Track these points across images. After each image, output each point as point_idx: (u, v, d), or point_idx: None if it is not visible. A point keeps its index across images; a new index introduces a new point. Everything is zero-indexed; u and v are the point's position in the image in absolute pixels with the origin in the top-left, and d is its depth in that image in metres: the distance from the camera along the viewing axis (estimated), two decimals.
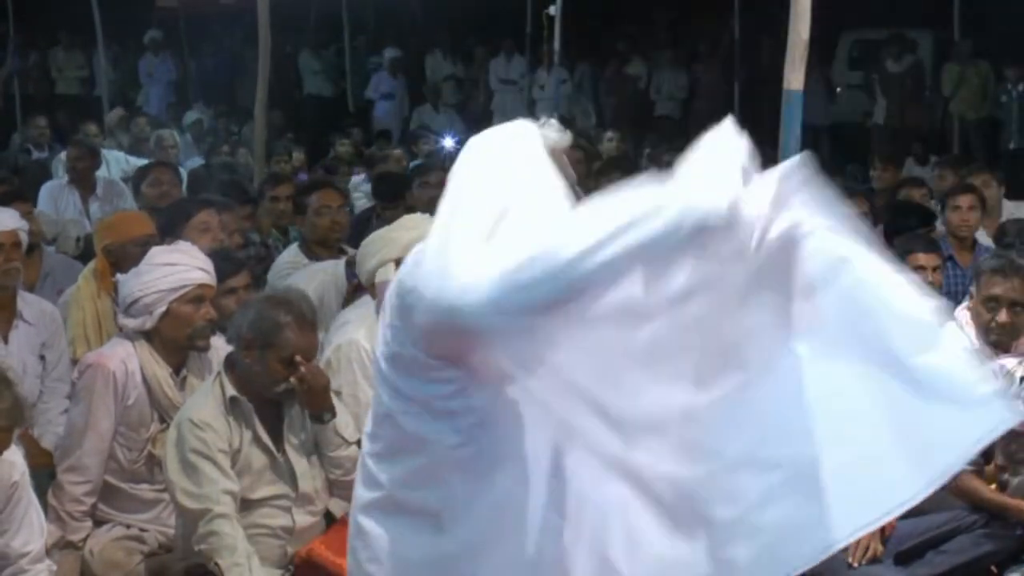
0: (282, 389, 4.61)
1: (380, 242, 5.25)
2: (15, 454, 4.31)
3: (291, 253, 7.07)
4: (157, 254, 5.20)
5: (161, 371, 5.00)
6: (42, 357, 5.94)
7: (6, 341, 5.83)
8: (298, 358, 4.55)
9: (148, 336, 5.01)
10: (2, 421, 4.01)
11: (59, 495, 4.96)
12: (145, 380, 4.99)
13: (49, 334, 6.00)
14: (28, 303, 6.05)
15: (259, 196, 8.39)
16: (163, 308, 4.97)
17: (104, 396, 4.95)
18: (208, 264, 5.14)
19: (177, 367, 5.06)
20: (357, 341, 5.16)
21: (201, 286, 5.03)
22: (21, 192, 8.01)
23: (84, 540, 4.98)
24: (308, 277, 6.37)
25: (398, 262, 4.82)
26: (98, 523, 5.06)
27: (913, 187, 9.05)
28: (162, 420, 5.02)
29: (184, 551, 4.62)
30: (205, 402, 4.64)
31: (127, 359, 4.99)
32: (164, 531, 5.02)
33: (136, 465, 5.04)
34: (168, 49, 19.42)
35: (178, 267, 5.03)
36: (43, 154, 13.11)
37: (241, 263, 5.93)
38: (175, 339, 5.00)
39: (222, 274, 5.63)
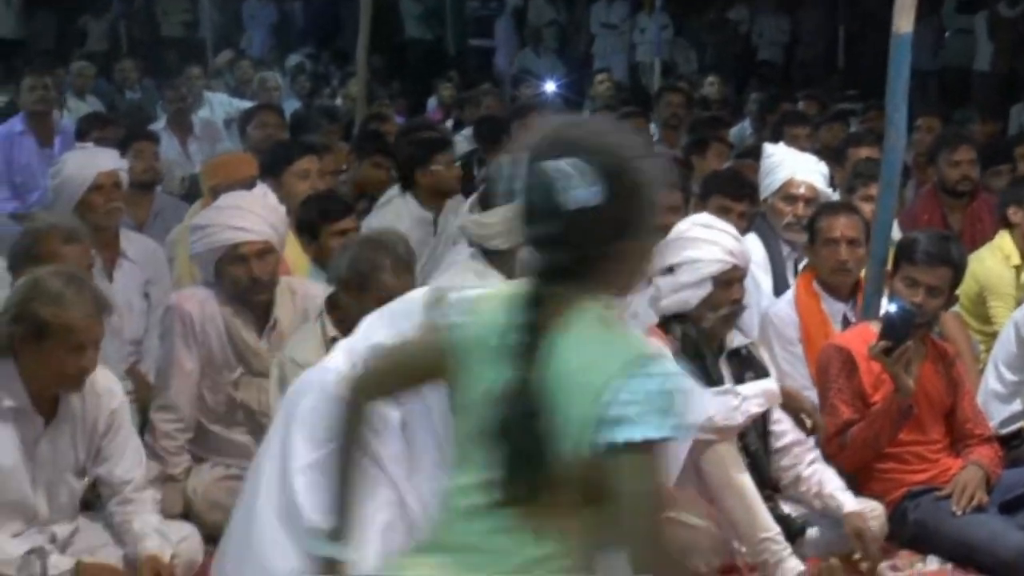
0: None
1: None
2: (113, 382, 4.39)
3: (392, 194, 7.09)
4: (199, 215, 5.25)
5: (238, 319, 5.04)
6: (147, 295, 6.02)
7: (111, 279, 5.90)
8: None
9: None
10: (90, 311, 4.05)
11: (153, 433, 5.05)
12: (226, 324, 5.04)
13: (153, 271, 6.07)
14: (131, 241, 6.12)
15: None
16: (211, 267, 5.03)
17: (184, 337, 5.01)
18: (253, 220, 5.00)
19: (260, 315, 5.09)
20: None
21: (236, 246, 4.96)
22: (147, 132, 8.14)
23: (185, 473, 5.06)
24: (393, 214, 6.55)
25: None
26: (198, 460, 5.13)
27: None
28: (245, 366, 5.08)
29: None
30: (306, 342, 4.67)
31: (205, 301, 5.04)
32: None
33: (220, 408, 5.10)
34: None
35: (209, 229, 5.03)
36: (135, 95, 13.32)
37: (349, 207, 5.97)
38: (232, 295, 5.04)
39: (331, 215, 5.70)
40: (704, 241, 4.64)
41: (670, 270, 4.64)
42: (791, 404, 4.68)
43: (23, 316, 4.03)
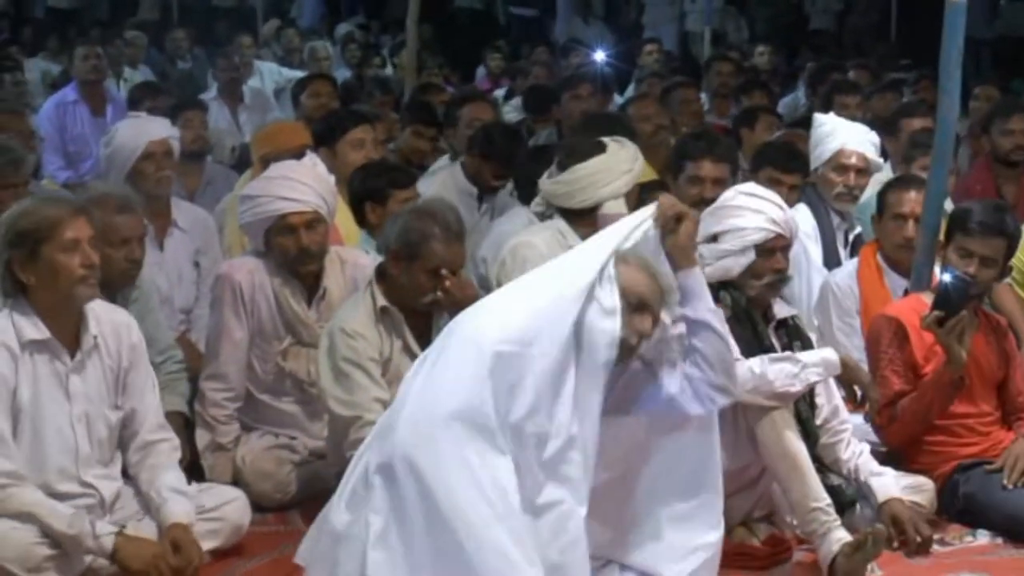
0: (428, 300, 4.63)
1: (609, 174, 5.26)
2: (128, 317, 4.48)
3: (442, 163, 7.11)
4: (249, 185, 5.27)
5: (287, 289, 5.06)
6: (197, 264, 6.06)
7: (162, 248, 5.94)
8: (443, 271, 4.57)
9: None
10: (67, 208, 4.21)
11: (202, 401, 5.08)
12: (275, 294, 5.06)
13: (203, 241, 6.11)
14: (182, 210, 6.15)
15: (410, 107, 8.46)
16: (260, 237, 5.05)
17: (233, 306, 5.04)
18: (302, 191, 5.00)
19: (310, 285, 5.11)
20: (535, 243, 5.19)
21: (285, 216, 4.97)
22: (195, 101, 8.18)
23: (234, 442, 5.08)
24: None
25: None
26: (247, 429, 5.16)
27: None
28: (294, 335, 5.10)
29: (335, 458, 4.68)
30: (356, 312, 4.68)
31: (255, 271, 5.06)
32: (313, 442, 5.10)
33: (269, 377, 5.13)
34: None
35: (258, 199, 5.04)
36: (186, 64, 13.39)
37: (413, 177, 5.98)
38: (281, 265, 5.05)
39: (400, 183, 5.74)
40: (748, 210, 4.61)
41: (714, 238, 4.61)
42: (848, 376, 4.64)
43: (14, 241, 4.15)
